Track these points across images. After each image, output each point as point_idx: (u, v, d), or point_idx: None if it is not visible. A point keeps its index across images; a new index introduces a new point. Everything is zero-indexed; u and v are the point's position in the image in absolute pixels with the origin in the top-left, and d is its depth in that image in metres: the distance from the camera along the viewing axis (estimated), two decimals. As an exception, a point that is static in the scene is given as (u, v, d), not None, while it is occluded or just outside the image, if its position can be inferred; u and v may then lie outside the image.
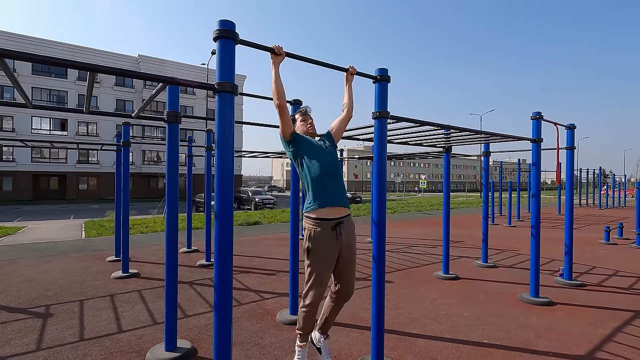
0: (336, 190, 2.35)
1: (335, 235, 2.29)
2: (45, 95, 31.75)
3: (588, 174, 22.02)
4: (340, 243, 2.31)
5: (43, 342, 3.00)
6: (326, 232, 2.27)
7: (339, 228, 2.30)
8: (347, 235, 2.35)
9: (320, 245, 2.26)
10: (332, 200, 2.31)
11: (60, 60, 1.62)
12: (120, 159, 5.78)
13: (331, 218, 2.29)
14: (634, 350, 2.96)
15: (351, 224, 2.43)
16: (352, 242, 2.41)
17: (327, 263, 2.28)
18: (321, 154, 2.40)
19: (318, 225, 2.28)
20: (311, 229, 2.29)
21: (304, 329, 2.41)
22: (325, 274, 2.28)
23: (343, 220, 2.33)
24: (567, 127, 4.92)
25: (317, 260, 2.27)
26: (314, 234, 2.27)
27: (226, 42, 1.85)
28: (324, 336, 2.54)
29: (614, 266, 5.94)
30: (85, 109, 2.64)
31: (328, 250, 2.28)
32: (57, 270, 5.41)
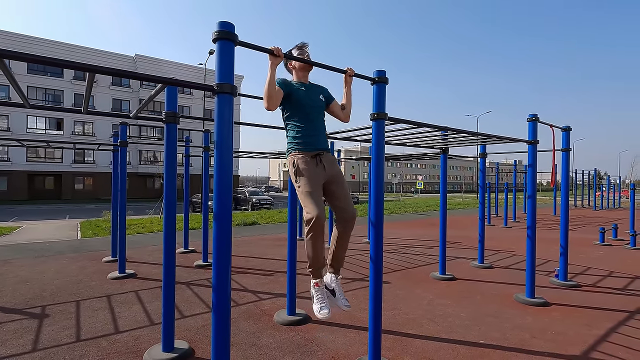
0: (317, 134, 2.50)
1: (316, 163, 2.42)
2: (41, 94, 31.56)
3: (583, 176, 22.19)
4: (322, 169, 2.42)
5: (39, 342, 2.99)
6: (307, 158, 2.42)
7: (319, 157, 2.44)
8: (328, 164, 2.47)
9: (305, 167, 2.39)
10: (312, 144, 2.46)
11: (59, 61, 1.62)
12: (117, 159, 5.76)
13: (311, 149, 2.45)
14: (628, 350, 2.99)
15: (332, 156, 2.56)
16: (335, 168, 2.53)
17: (315, 179, 2.37)
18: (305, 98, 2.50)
19: (300, 153, 2.43)
20: (293, 158, 2.44)
21: (315, 262, 2.36)
22: (316, 188, 2.35)
23: (322, 152, 2.47)
24: (563, 129, 4.97)
25: (305, 178, 2.36)
26: (297, 161, 2.42)
27: (226, 43, 1.86)
28: (335, 276, 2.51)
29: (609, 267, 6.00)
30: (83, 109, 2.64)
31: (313, 170, 2.39)
32: (53, 270, 5.38)
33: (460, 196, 45.09)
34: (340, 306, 2.44)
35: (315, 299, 2.40)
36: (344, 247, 2.48)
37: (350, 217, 2.43)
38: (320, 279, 2.42)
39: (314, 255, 2.35)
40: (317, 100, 2.58)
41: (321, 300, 2.38)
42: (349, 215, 2.42)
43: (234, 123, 3.85)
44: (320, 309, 2.35)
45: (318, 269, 2.40)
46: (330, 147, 2.64)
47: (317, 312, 2.35)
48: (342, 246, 2.47)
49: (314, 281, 2.42)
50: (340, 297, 2.46)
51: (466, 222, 12.75)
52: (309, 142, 2.46)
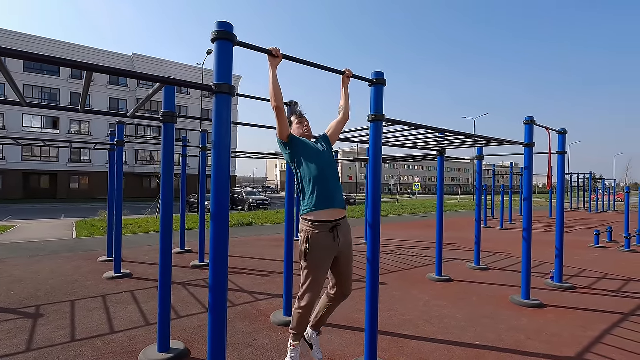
0: (333, 192, 2.36)
1: (333, 238, 2.29)
2: (37, 92, 31.35)
3: (579, 179, 22.34)
4: (337, 245, 2.32)
5: (33, 342, 2.96)
6: (323, 234, 2.27)
7: (336, 230, 2.30)
8: (344, 237, 2.36)
9: (318, 248, 2.26)
10: (329, 202, 2.32)
11: (57, 59, 1.61)
12: (114, 158, 5.74)
13: (328, 220, 2.29)
14: (622, 352, 3.01)
15: (348, 226, 2.45)
16: (349, 244, 2.43)
17: (323, 265, 2.30)
18: (318, 156, 2.41)
19: (315, 227, 2.27)
20: (308, 231, 2.28)
21: (298, 330, 2.43)
22: (322, 276, 2.30)
23: (340, 222, 2.35)
24: (559, 132, 5.00)
25: (314, 262, 2.27)
26: (312, 236, 2.26)
27: (224, 43, 1.86)
28: (316, 332, 2.58)
29: (603, 269, 6.04)
30: (80, 108, 2.62)
31: (325, 252, 2.28)
32: (47, 270, 5.34)
33: (456, 198, 45.23)
34: (315, 359, 2.57)
35: (290, 356, 2.46)
36: (331, 313, 2.55)
37: (347, 295, 2.49)
38: (299, 342, 2.48)
39: (298, 326, 2.41)
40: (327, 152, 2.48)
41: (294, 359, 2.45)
42: (346, 295, 2.48)
43: (234, 124, 3.84)
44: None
45: (299, 334, 2.46)
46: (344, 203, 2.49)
47: None
48: (330, 312, 2.54)
49: (293, 342, 2.47)
50: (316, 351, 2.57)
51: (463, 224, 12.80)
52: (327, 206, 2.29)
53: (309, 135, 2.61)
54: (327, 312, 2.52)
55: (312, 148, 2.46)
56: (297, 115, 2.66)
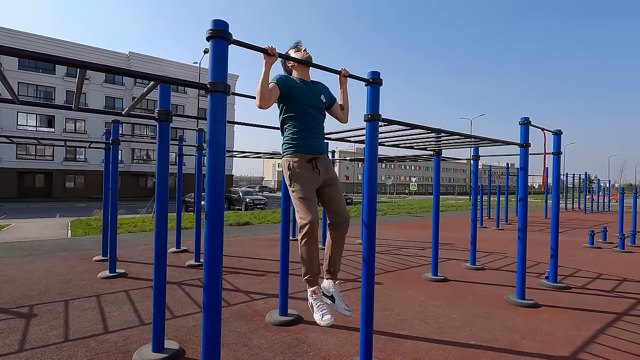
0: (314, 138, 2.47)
1: (312, 167, 2.41)
2: (32, 91, 31.12)
3: (574, 179, 22.50)
4: (318, 174, 2.42)
5: (26, 342, 2.94)
6: (303, 162, 2.41)
7: (314, 161, 2.42)
8: (323, 168, 2.46)
9: (300, 172, 2.38)
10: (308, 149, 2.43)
11: (50, 57, 1.59)
12: (109, 157, 5.70)
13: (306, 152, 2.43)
14: (616, 351, 3.03)
15: (327, 160, 2.54)
16: (332, 175, 2.51)
17: (310, 184, 2.37)
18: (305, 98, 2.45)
19: (295, 157, 2.41)
20: (289, 161, 2.42)
21: (310, 270, 2.34)
22: (311, 193, 2.35)
23: (318, 156, 2.45)
24: (554, 133, 5.03)
25: (300, 182, 2.36)
26: (292, 164, 2.40)
27: (219, 42, 1.85)
28: (333, 281, 2.46)
29: (598, 269, 6.08)
30: (74, 106, 2.60)
31: (308, 175, 2.39)
32: (41, 269, 5.30)
33: (453, 198, 45.40)
34: (341, 311, 2.39)
35: (316, 307, 2.33)
36: (339, 252, 2.46)
37: (344, 221, 2.43)
38: (317, 286, 2.39)
39: (309, 262, 2.32)
40: (318, 101, 2.54)
41: (322, 308, 2.31)
42: (343, 218, 2.42)
43: (228, 122, 3.82)
44: (322, 316, 2.28)
45: (314, 277, 2.37)
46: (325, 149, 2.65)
47: (320, 320, 2.27)
48: (338, 250, 2.45)
49: (311, 289, 2.37)
50: (339, 302, 2.41)
51: (459, 224, 12.84)
52: (306, 145, 2.42)
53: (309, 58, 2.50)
54: (334, 249, 2.44)
55: (302, 89, 2.46)
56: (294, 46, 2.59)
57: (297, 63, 2.53)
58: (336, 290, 2.44)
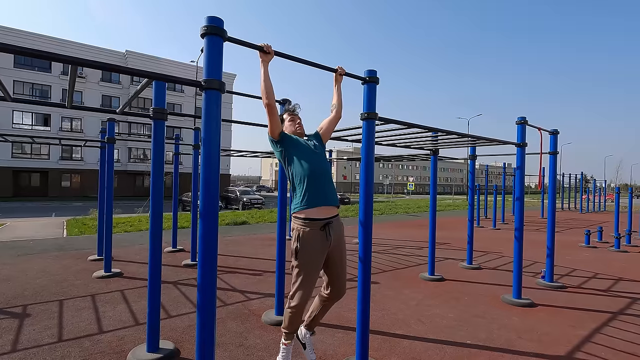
0: (325, 189, 2.33)
1: (325, 236, 2.26)
2: (27, 89, 30.88)
3: (570, 179, 22.59)
4: (329, 244, 2.28)
5: (19, 343, 2.91)
6: (315, 232, 2.23)
7: (328, 228, 2.26)
8: (336, 236, 2.32)
9: (309, 246, 2.23)
10: (320, 200, 2.29)
11: (41, 53, 1.57)
12: (105, 156, 5.66)
13: (320, 218, 2.26)
14: (612, 350, 3.04)
15: (340, 224, 2.42)
16: (341, 243, 2.40)
17: (315, 264, 2.26)
18: (309, 154, 2.39)
19: (307, 225, 2.24)
20: (300, 229, 2.25)
21: (290, 329, 2.40)
22: (313, 275, 2.27)
23: (332, 221, 2.31)
24: (551, 133, 5.04)
25: (305, 261, 2.24)
26: (303, 234, 2.24)
27: (214, 39, 1.83)
28: (309, 332, 2.55)
29: (594, 269, 6.10)
30: (67, 103, 2.57)
31: (316, 251, 2.25)
32: (36, 269, 5.26)
33: (450, 198, 45.50)
34: (308, 358, 2.53)
35: (281, 355, 2.44)
36: (325, 314, 2.52)
37: (341, 297, 2.46)
38: (291, 340, 2.45)
39: (290, 325, 2.38)
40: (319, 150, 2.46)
41: (285, 358, 2.42)
42: (341, 295, 2.45)
43: (226, 121, 3.78)
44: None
45: (291, 334, 2.43)
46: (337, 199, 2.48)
47: None
48: (324, 313, 2.51)
49: (285, 341, 2.44)
50: (309, 352, 2.52)
51: (456, 224, 12.87)
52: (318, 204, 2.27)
53: (301, 133, 2.58)
54: (321, 312, 2.49)
55: (304, 145, 2.43)
56: (290, 112, 2.64)
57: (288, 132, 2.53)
58: (309, 341, 2.54)
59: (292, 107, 2.67)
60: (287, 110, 2.66)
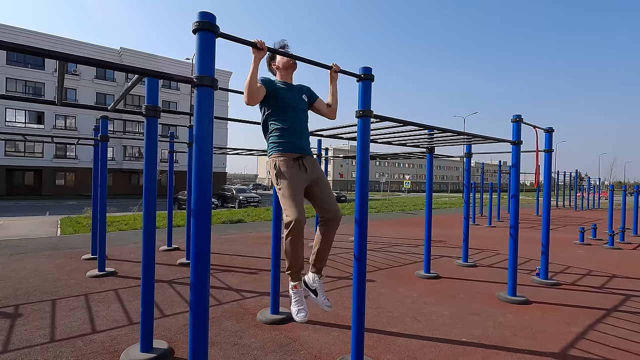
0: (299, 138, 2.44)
1: (298, 166, 2.37)
2: (20, 86, 30.55)
3: (565, 177, 22.74)
4: (304, 172, 2.38)
5: (10, 343, 2.87)
6: (289, 161, 2.37)
7: (301, 160, 2.39)
8: (310, 166, 2.43)
9: (286, 170, 2.34)
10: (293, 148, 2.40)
11: (27, 48, 1.53)
12: (98, 153, 5.60)
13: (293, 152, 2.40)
14: (605, 347, 3.06)
15: (314, 159, 2.52)
16: (319, 173, 2.49)
17: (296, 183, 2.32)
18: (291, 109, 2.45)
19: (281, 156, 2.38)
20: (275, 160, 2.38)
21: (293, 265, 2.32)
22: (298, 192, 2.30)
23: (304, 155, 2.42)
24: (546, 131, 5.05)
25: (286, 180, 2.32)
26: (278, 164, 2.36)
27: (206, 34, 1.81)
28: (317, 276, 2.47)
29: (588, 266, 6.15)
30: (57, 100, 2.53)
31: (294, 173, 2.35)
32: (28, 268, 5.20)
33: (446, 196, 45.68)
34: (322, 306, 2.45)
35: (294, 301, 2.37)
36: (327, 247, 2.43)
37: (334, 217, 2.39)
38: (299, 281, 2.39)
39: (293, 258, 2.31)
40: (300, 101, 2.53)
41: (299, 303, 2.35)
42: (333, 214, 2.38)
43: (223, 119, 3.75)
44: (298, 312, 2.34)
45: (297, 272, 2.37)
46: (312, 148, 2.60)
47: (295, 314, 2.34)
48: (326, 245, 2.42)
49: (293, 283, 2.38)
50: (321, 297, 2.44)
51: (451, 221, 12.91)
52: (292, 144, 2.41)
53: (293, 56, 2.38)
54: (322, 243, 2.40)
55: (284, 91, 2.45)
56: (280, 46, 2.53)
57: (282, 66, 2.53)
58: (319, 285, 2.46)
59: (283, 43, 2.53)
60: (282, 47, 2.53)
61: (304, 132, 2.51)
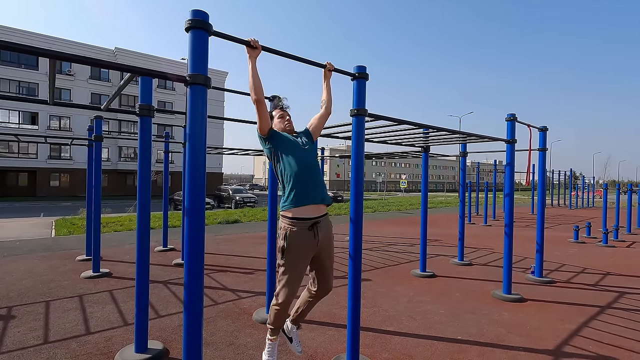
0: (314, 187, 2.29)
1: (312, 235, 2.22)
2: (14, 87, 30.23)
3: (559, 176, 22.91)
4: (317, 243, 2.24)
5: (3, 345, 2.84)
6: (302, 231, 2.20)
7: (315, 228, 2.23)
8: (324, 235, 2.29)
9: (296, 245, 2.19)
10: (309, 198, 2.25)
11: (22, 47, 1.52)
12: (92, 154, 5.56)
13: (308, 217, 2.23)
14: (599, 344, 3.08)
15: (328, 224, 2.38)
16: (329, 241, 2.37)
17: (301, 264, 2.24)
18: (298, 151, 2.35)
19: (294, 224, 2.20)
20: (287, 228, 2.21)
21: (275, 325, 2.38)
22: (299, 274, 2.25)
23: (320, 220, 2.27)
24: (540, 129, 5.08)
25: (291, 260, 2.21)
26: (290, 234, 2.20)
27: (199, 33, 1.80)
28: (295, 326, 2.55)
29: (582, 264, 6.19)
30: (50, 100, 2.51)
31: (303, 250, 2.22)
32: (22, 270, 5.15)
33: (442, 195, 45.83)
34: (294, 351, 2.55)
35: (267, 350, 2.43)
36: (310, 308, 2.51)
37: (328, 291, 2.44)
38: (276, 336, 2.44)
39: (275, 321, 2.36)
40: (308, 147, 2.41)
41: (271, 354, 2.41)
42: (327, 292, 2.44)
43: (219, 119, 3.73)
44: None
45: (277, 330, 2.42)
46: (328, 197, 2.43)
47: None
48: (310, 308, 2.50)
49: (270, 337, 2.43)
50: (295, 344, 2.54)
51: (447, 220, 12.95)
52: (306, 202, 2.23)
53: (291, 130, 2.52)
54: (308, 307, 2.48)
55: (293, 142, 2.39)
56: (279, 109, 2.59)
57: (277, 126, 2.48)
58: (296, 335, 2.56)
59: (281, 103, 2.63)
60: (277, 107, 2.62)
61: (320, 185, 2.34)
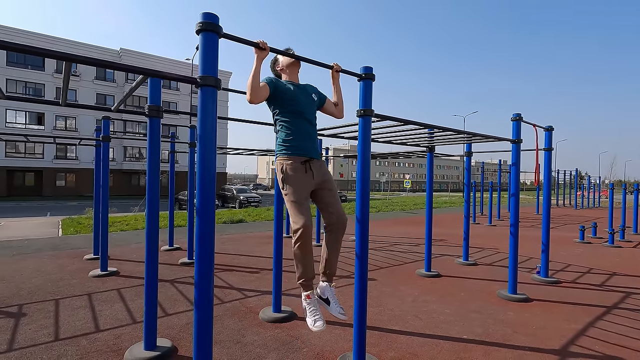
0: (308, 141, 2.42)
1: (305, 170, 2.36)
2: (20, 87, 30.55)
3: (565, 176, 22.76)
4: (312, 177, 2.37)
5: (15, 342, 2.89)
6: (296, 165, 2.35)
7: (308, 164, 2.37)
8: (317, 170, 2.41)
9: (293, 173, 2.33)
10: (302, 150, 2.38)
11: (35, 49, 1.56)
12: (100, 154, 5.62)
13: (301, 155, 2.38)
14: (605, 344, 3.08)
15: (322, 162, 2.50)
16: (325, 176, 2.46)
17: (302, 187, 2.32)
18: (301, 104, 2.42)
19: (289, 158, 2.36)
20: (282, 163, 2.37)
21: (305, 273, 2.29)
22: (303, 196, 2.31)
23: (312, 159, 2.40)
24: (546, 129, 5.07)
25: (293, 184, 2.31)
26: (285, 167, 2.35)
27: (209, 35, 1.83)
28: (329, 284, 2.43)
29: (588, 264, 6.17)
30: (61, 101, 2.55)
31: (301, 177, 2.34)
32: (31, 268, 5.22)
33: (446, 195, 45.68)
34: (336, 315, 2.35)
35: (308, 312, 2.30)
36: (335, 254, 2.40)
37: (340, 222, 2.37)
38: (311, 290, 2.35)
39: (303, 266, 2.28)
40: (310, 102, 2.50)
41: (314, 313, 2.28)
42: (339, 220, 2.36)
43: (223, 119, 3.78)
44: (315, 321, 2.25)
45: (308, 281, 2.32)
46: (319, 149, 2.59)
47: (312, 325, 2.25)
48: (334, 253, 2.39)
49: (305, 294, 2.33)
50: (334, 306, 2.37)
51: (452, 220, 12.93)
52: (299, 147, 2.37)
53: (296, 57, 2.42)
54: (330, 251, 2.39)
55: (292, 92, 2.42)
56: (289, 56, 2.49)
57: (285, 66, 2.51)
58: (331, 293, 2.40)
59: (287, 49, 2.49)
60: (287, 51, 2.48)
61: (312, 135, 2.48)
